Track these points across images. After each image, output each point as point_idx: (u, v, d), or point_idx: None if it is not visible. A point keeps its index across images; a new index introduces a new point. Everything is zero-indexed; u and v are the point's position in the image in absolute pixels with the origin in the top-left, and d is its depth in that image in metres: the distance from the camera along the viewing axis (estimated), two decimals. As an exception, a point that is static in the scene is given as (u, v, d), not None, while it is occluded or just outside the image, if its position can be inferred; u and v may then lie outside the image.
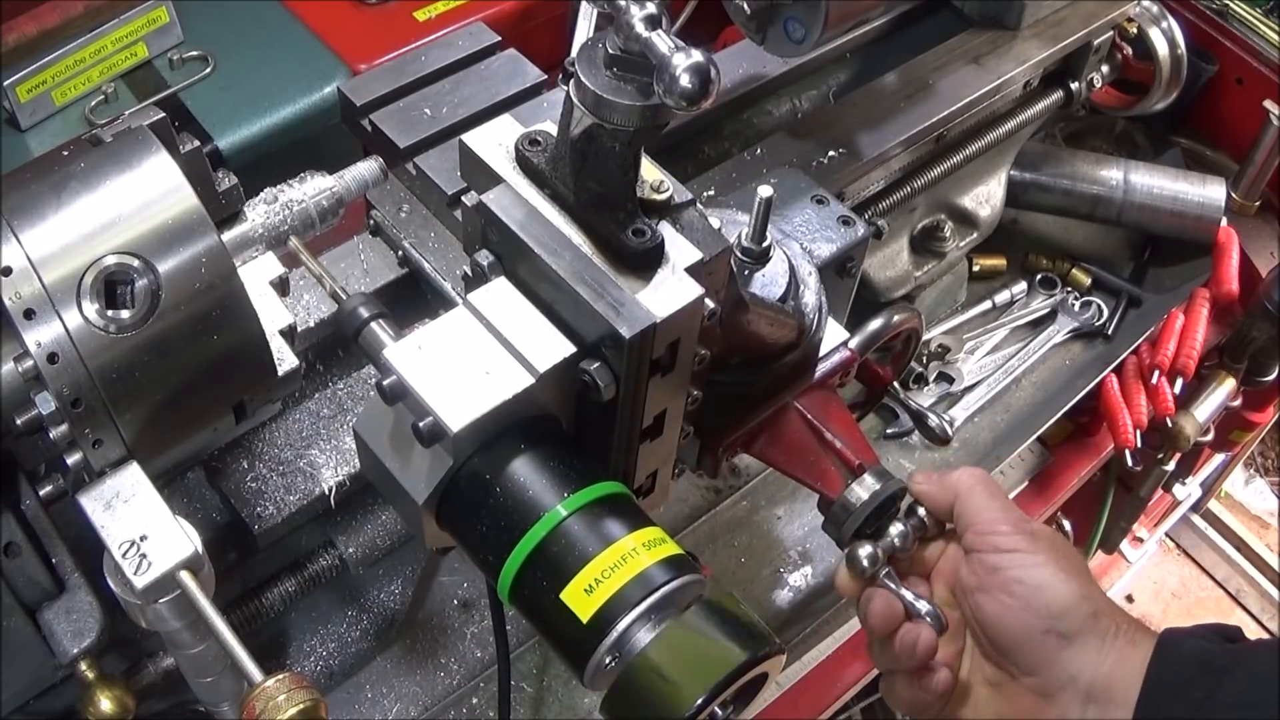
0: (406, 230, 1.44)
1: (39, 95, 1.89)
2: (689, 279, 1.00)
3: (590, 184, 1.00)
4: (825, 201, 1.43)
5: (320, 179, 1.25)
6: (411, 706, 1.53)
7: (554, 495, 0.99)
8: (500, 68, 1.50)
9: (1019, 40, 1.82)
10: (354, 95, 1.45)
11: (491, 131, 1.08)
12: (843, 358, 1.29)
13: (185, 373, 1.04)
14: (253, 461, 1.36)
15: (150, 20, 1.97)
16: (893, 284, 1.87)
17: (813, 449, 1.23)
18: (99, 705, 1.15)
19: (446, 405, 0.96)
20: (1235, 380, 2.13)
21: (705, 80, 0.87)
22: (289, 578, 1.44)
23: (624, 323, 0.96)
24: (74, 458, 1.02)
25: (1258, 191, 2.13)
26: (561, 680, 1.58)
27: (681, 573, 0.97)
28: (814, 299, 1.24)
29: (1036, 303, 2.08)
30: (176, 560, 1.02)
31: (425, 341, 1.00)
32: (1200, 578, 3.83)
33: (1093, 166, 2.03)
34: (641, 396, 1.04)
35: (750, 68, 1.76)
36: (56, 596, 1.14)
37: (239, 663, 0.99)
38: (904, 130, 1.69)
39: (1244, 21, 2.10)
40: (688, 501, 1.77)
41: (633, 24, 0.90)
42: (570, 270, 0.99)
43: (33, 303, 0.96)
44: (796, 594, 1.72)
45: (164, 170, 1.03)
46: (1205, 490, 3.52)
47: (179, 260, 1.01)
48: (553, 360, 0.99)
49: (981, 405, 1.95)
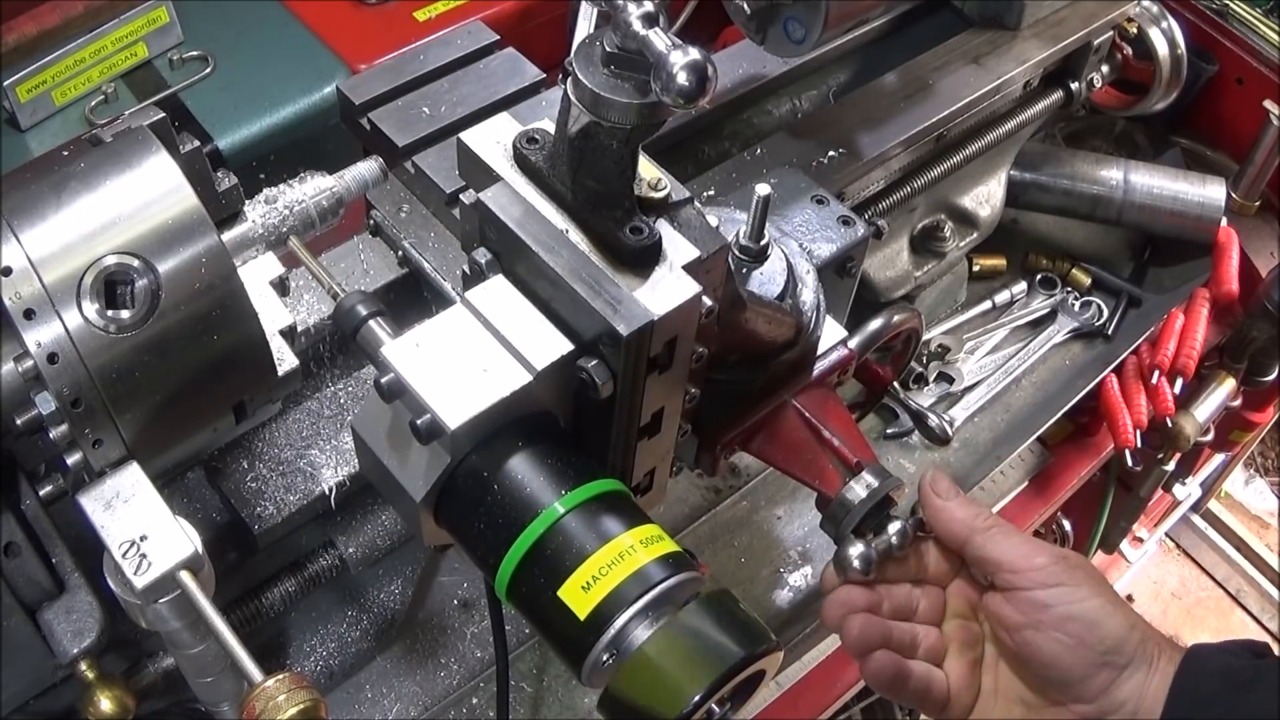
0: (406, 230, 1.44)
1: (39, 95, 1.90)
2: (686, 277, 1.01)
3: (588, 182, 1.01)
4: (825, 201, 1.43)
5: (320, 179, 1.25)
6: (411, 706, 1.53)
7: (551, 492, 0.99)
8: (499, 66, 1.50)
9: (1019, 40, 1.82)
10: (352, 94, 1.45)
11: (489, 130, 1.08)
12: (841, 356, 1.30)
13: (185, 373, 1.04)
14: (253, 461, 1.36)
15: (150, 20, 1.97)
16: (893, 284, 1.87)
17: (811, 447, 1.24)
18: (99, 705, 1.15)
19: (444, 403, 0.96)
20: (1235, 380, 2.13)
21: (702, 78, 0.87)
22: (289, 578, 1.44)
23: (621, 320, 0.96)
24: (74, 458, 1.02)
25: (1258, 191, 2.13)
26: (561, 680, 1.58)
27: (679, 570, 0.97)
28: (812, 297, 1.24)
29: (1036, 303, 2.08)
30: (176, 560, 1.03)
31: (423, 339, 1.01)
32: (1200, 578, 3.83)
33: (1093, 166, 2.03)
34: (639, 394, 1.04)
35: (750, 68, 1.76)
36: (56, 596, 1.14)
37: (239, 663, 0.99)
38: (904, 130, 1.69)
39: (1244, 21, 2.10)
40: (688, 501, 1.77)
41: (630, 22, 0.90)
42: (568, 268, 1.00)
43: (33, 303, 0.97)
44: (796, 594, 1.72)
45: (164, 170, 1.03)
46: (1205, 490, 3.52)
47: (179, 260, 1.01)
48: (550, 358, 1.00)
49: (981, 405, 1.95)
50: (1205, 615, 3.75)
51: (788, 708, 1.72)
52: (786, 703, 1.72)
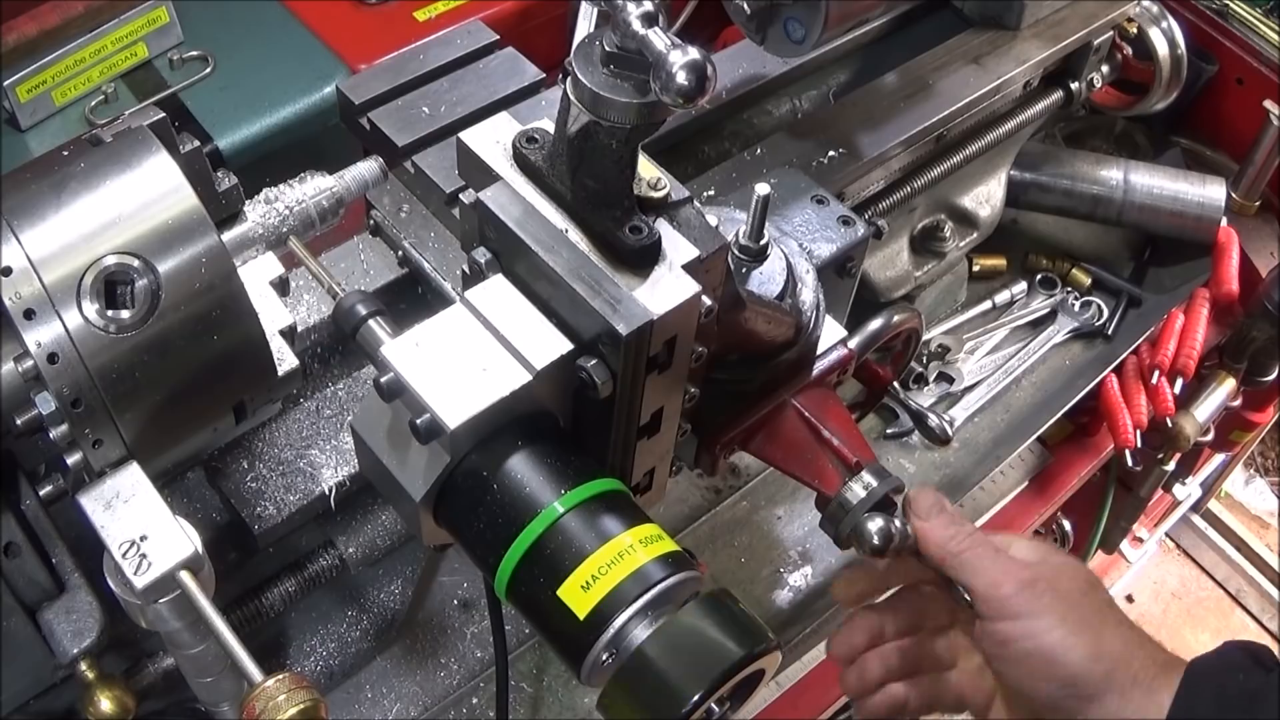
0: (406, 230, 1.44)
1: (39, 95, 1.90)
2: (686, 276, 1.01)
3: (587, 181, 1.01)
4: (825, 201, 1.43)
5: (320, 179, 1.25)
6: (411, 706, 1.53)
7: (551, 492, 0.99)
8: (498, 66, 1.50)
9: (1019, 40, 1.82)
10: (352, 93, 1.45)
11: (489, 129, 1.08)
12: (840, 355, 1.30)
13: (185, 373, 1.04)
14: (253, 461, 1.36)
15: (150, 20, 1.98)
16: (893, 284, 1.87)
17: (810, 446, 1.24)
18: (99, 705, 1.15)
19: (444, 402, 0.96)
20: (1235, 380, 2.12)
21: (701, 77, 0.87)
22: (289, 578, 1.44)
23: (621, 320, 0.96)
24: (74, 458, 1.02)
25: (1258, 191, 2.13)
26: (561, 680, 1.58)
27: (678, 569, 0.98)
28: (811, 297, 1.24)
29: (1036, 303, 2.08)
30: (176, 560, 1.02)
31: (423, 338, 1.01)
32: (1200, 578, 3.83)
33: (1093, 166, 2.03)
34: (639, 394, 1.04)
35: (750, 68, 1.76)
36: (56, 596, 1.14)
37: (239, 663, 0.99)
38: (904, 130, 1.69)
39: (1244, 21, 2.10)
40: (688, 502, 1.77)
41: (629, 21, 0.90)
42: (567, 267, 1.00)
43: (33, 303, 0.97)
44: (796, 594, 1.72)
45: (164, 170, 1.03)
46: (1205, 490, 3.52)
47: (179, 260, 1.01)
48: (550, 357, 1.00)
49: (981, 405, 1.95)
50: (1205, 615, 3.75)
51: (788, 708, 1.72)
52: (786, 703, 1.72)
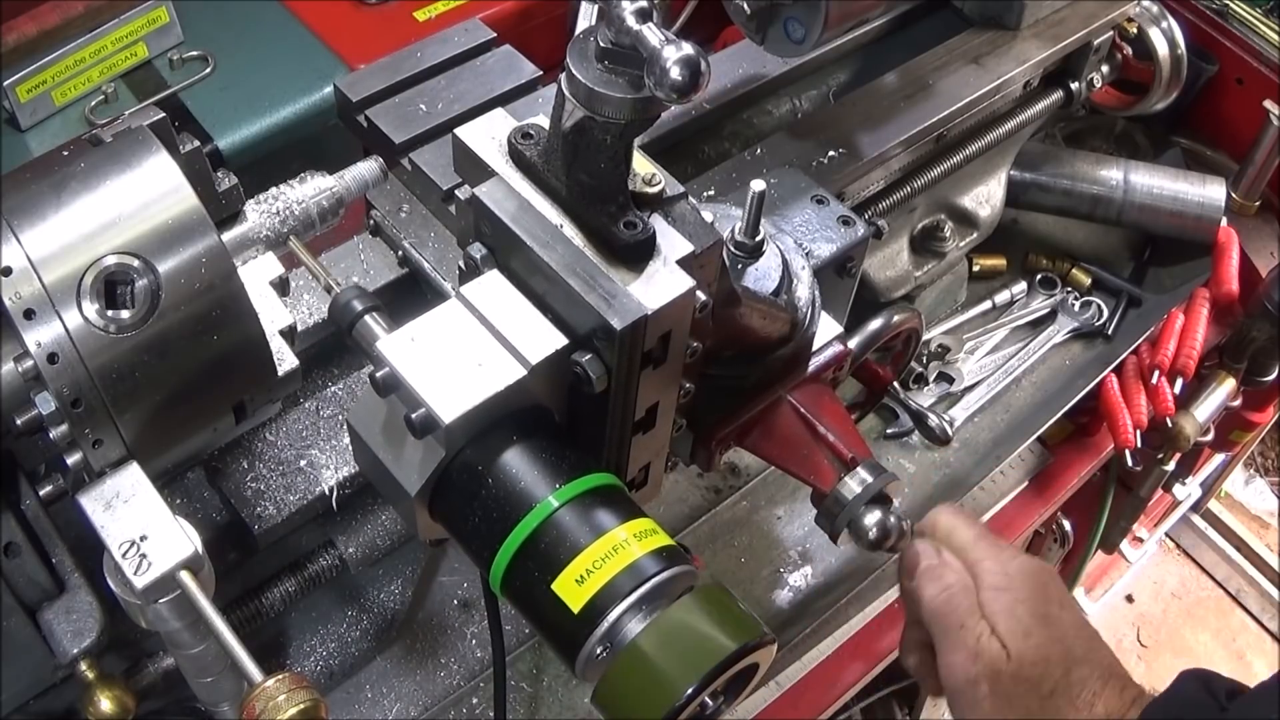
0: (406, 230, 1.44)
1: (39, 95, 1.90)
2: (681, 271, 1.01)
3: (582, 177, 1.01)
4: (825, 201, 1.43)
5: (320, 179, 1.26)
6: (411, 706, 1.53)
7: (545, 486, 0.99)
8: (495, 64, 1.51)
9: (1019, 40, 1.82)
10: (350, 91, 1.46)
11: (484, 125, 1.09)
12: (836, 352, 1.30)
13: (185, 373, 1.04)
14: (253, 461, 1.37)
15: (150, 20, 1.98)
16: (893, 284, 1.87)
17: (805, 442, 1.24)
18: (99, 705, 1.16)
19: (439, 397, 0.97)
20: (1235, 380, 2.12)
21: (695, 72, 0.88)
22: (289, 578, 1.44)
23: (615, 314, 0.97)
24: (74, 458, 1.03)
25: (1258, 191, 2.13)
26: (560, 680, 1.58)
27: (672, 564, 0.98)
28: (807, 293, 1.24)
29: (1036, 303, 2.08)
30: (176, 560, 1.03)
31: (418, 334, 1.01)
32: (1200, 578, 3.83)
33: (1093, 166, 2.03)
34: (633, 389, 1.04)
35: (750, 68, 1.76)
36: (56, 596, 1.15)
37: (239, 663, 0.99)
38: (904, 130, 1.69)
39: (1244, 21, 2.10)
40: (687, 501, 1.77)
41: (624, 17, 0.91)
42: (562, 262, 1.00)
43: (33, 303, 0.97)
44: (796, 594, 1.72)
45: (164, 170, 1.03)
46: (1205, 490, 3.52)
47: (179, 260, 1.02)
48: (545, 352, 1.00)
49: (981, 405, 1.95)
50: (1205, 615, 3.74)
51: (788, 708, 1.71)
52: (786, 703, 1.71)
